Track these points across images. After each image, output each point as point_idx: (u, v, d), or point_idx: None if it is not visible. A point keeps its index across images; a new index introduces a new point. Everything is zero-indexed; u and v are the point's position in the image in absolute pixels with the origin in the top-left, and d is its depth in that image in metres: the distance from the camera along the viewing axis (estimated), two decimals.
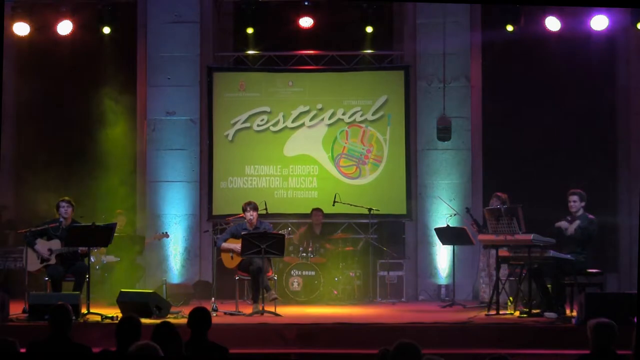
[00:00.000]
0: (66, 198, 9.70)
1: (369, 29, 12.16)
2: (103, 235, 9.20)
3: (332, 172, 12.26)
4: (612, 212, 12.13)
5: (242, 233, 9.63)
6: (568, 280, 9.07)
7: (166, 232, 11.43)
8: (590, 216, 9.30)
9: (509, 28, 11.66)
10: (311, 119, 12.27)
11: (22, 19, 11.66)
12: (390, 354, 4.58)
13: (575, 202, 9.28)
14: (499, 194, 10.33)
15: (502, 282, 9.69)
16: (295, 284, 11.04)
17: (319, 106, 12.27)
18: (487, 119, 12.18)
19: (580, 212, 9.34)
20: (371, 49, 12.33)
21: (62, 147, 12.16)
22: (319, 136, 12.28)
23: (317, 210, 11.67)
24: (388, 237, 11.97)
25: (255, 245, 9.29)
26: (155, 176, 11.96)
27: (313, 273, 11.06)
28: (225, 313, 9.48)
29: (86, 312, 8.85)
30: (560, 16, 11.50)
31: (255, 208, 10.02)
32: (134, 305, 8.87)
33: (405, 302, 11.28)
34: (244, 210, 10.01)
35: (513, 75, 12.14)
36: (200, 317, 5.90)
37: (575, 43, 11.73)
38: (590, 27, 11.52)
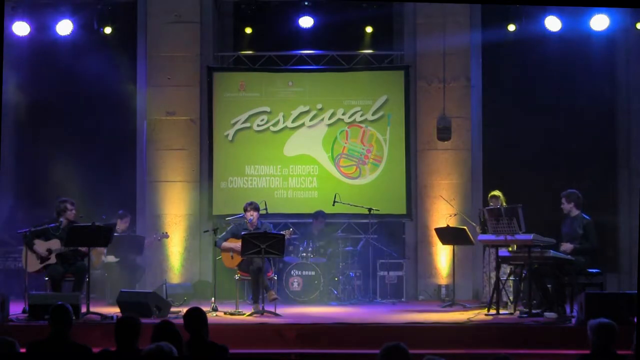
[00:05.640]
0: (67, 199, 9.69)
1: (369, 29, 12.21)
2: (103, 235, 9.20)
3: (332, 172, 12.26)
4: (612, 212, 12.14)
5: (242, 233, 9.63)
6: (568, 280, 9.07)
7: (166, 232, 11.45)
8: (587, 217, 9.32)
9: (509, 28, 11.69)
10: (311, 119, 12.27)
11: (22, 19, 11.66)
12: (378, 357, 4.53)
13: (563, 205, 9.41)
14: (495, 194, 10.35)
15: (503, 282, 9.69)
16: (295, 284, 11.04)
17: (319, 106, 12.27)
18: (487, 119, 12.18)
19: (575, 212, 9.37)
20: (371, 49, 12.35)
21: (62, 147, 12.15)
22: (319, 136, 12.28)
23: (322, 214, 11.60)
24: (388, 237, 11.97)
25: (255, 245, 9.30)
26: (155, 176, 11.96)
27: (313, 273, 11.06)
28: (225, 313, 9.48)
29: (86, 312, 8.85)
30: (560, 16, 11.51)
31: (256, 208, 10.03)
32: (134, 305, 8.87)
33: (405, 302, 11.28)
34: (245, 210, 10.03)
35: (513, 75, 12.14)
36: (195, 317, 5.89)
37: (575, 43, 11.74)
38: (590, 27, 11.53)
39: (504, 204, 10.05)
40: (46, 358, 5.37)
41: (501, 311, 9.34)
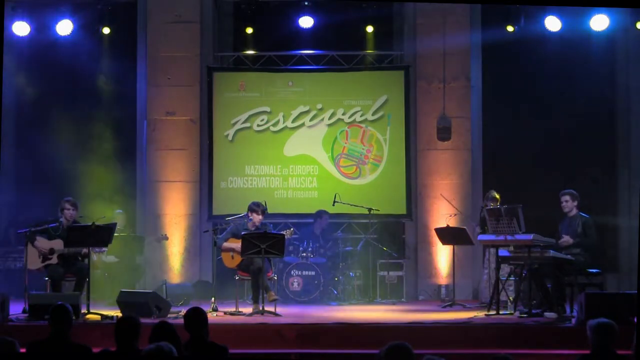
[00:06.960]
0: (70, 199, 9.70)
1: (369, 29, 12.22)
2: (103, 235, 9.20)
3: (332, 172, 12.26)
4: (612, 212, 12.14)
5: (243, 233, 9.62)
6: (568, 280, 9.07)
7: (165, 235, 11.43)
8: (585, 215, 9.32)
9: (509, 28, 11.70)
10: (311, 119, 12.27)
11: (22, 19, 11.66)
12: (382, 356, 4.52)
13: (567, 202, 9.37)
14: (494, 195, 10.35)
15: (503, 282, 9.69)
16: (295, 284, 11.04)
17: (319, 106, 12.28)
18: (487, 119, 12.19)
19: (574, 212, 9.37)
20: (371, 49, 12.35)
21: (61, 147, 12.14)
22: (319, 136, 12.28)
23: (325, 212, 11.59)
24: (388, 237, 11.97)
25: (255, 245, 9.29)
26: (155, 176, 11.97)
27: (313, 273, 11.06)
28: (225, 313, 9.47)
29: (86, 312, 8.85)
30: (560, 16, 11.51)
31: (263, 212, 9.97)
32: (134, 305, 8.87)
33: (405, 302, 11.28)
34: (252, 210, 9.93)
35: (513, 75, 12.14)
36: (195, 317, 5.89)
37: (575, 43, 11.74)
38: (590, 27, 11.54)
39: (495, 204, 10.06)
40: (46, 358, 5.37)
41: (501, 311, 9.33)
